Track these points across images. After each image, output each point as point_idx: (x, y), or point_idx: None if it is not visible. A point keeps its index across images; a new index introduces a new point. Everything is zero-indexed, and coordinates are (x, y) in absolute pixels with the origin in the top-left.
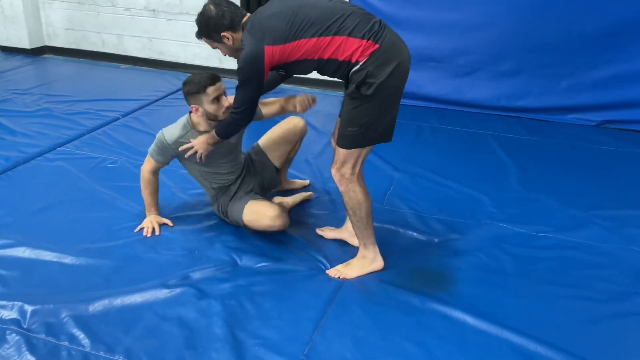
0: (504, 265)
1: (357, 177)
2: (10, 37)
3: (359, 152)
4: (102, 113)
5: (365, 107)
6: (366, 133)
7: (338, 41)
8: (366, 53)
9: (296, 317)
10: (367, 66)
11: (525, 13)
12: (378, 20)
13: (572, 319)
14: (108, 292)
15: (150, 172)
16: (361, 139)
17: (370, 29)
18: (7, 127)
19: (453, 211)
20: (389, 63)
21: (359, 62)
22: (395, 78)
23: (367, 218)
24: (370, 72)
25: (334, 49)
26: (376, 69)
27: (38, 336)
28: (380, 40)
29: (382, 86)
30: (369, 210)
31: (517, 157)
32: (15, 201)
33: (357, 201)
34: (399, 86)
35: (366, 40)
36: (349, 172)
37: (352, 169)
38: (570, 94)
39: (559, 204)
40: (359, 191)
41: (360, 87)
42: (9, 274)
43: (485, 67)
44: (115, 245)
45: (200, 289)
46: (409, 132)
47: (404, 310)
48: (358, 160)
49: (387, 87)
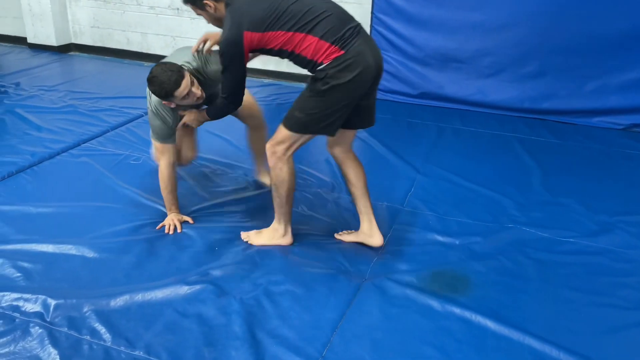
0: (526, 269)
1: (287, 158)
2: (38, 35)
3: (298, 137)
4: (126, 110)
5: (316, 100)
6: (309, 123)
7: (309, 40)
8: (330, 57)
9: (315, 317)
10: (327, 69)
11: (550, 14)
12: (353, 26)
13: (595, 326)
14: (129, 288)
15: (170, 166)
16: (303, 127)
17: (342, 36)
18: (33, 123)
19: (475, 214)
20: (350, 70)
21: (323, 64)
22: (354, 84)
23: (287, 197)
24: (329, 74)
25: (305, 46)
26: (336, 73)
27: (60, 329)
28: (346, 47)
29: (337, 88)
30: (291, 191)
31: (541, 160)
32: (40, 196)
33: (282, 179)
34: (355, 92)
35: (333, 45)
36: (281, 152)
37: (285, 150)
38: (596, 96)
39: (584, 208)
40: (286, 171)
41: (317, 81)
42: (33, 268)
43: (509, 69)
44: (136, 241)
45: (220, 286)
46: (431, 133)
47: (424, 313)
48: (294, 145)
49: (340, 91)
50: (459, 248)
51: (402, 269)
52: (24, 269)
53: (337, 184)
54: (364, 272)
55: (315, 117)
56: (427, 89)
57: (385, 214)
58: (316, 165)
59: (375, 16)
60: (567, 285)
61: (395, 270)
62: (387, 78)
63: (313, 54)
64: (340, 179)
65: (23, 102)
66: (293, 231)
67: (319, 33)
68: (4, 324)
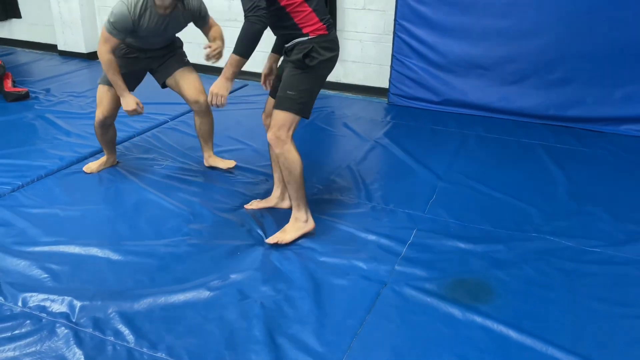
0: (550, 279)
1: (291, 140)
2: (68, 42)
3: (294, 118)
4: (152, 116)
5: (304, 76)
6: (301, 100)
7: (304, 7)
8: (316, 32)
9: (335, 323)
10: (313, 43)
11: (576, 20)
12: (330, 17)
13: (622, 338)
14: (153, 291)
15: (110, 53)
16: (297, 105)
17: (327, 19)
18: (62, 128)
19: (498, 222)
20: (329, 50)
21: (307, 35)
22: (331, 64)
23: (301, 177)
24: (315, 48)
25: (298, 9)
26: (320, 49)
27: (85, 330)
28: (329, 30)
29: (321, 65)
30: (302, 170)
31: (567, 168)
32: (68, 199)
33: (293, 161)
34: (329, 72)
35: (321, 23)
36: (284, 134)
37: (287, 132)
38: (624, 103)
39: (611, 217)
40: (294, 150)
41: (306, 57)
42: (60, 269)
43: (534, 75)
44: (160, 245)
45: (241, 290)
46: (454, 140)
47: (445, 322)
48: (292, 125)
49: (324, 67)
50: (481, 256)
51: (422, 275)
52: (52, 270)
53: (358, 190)
54: (384, 279)
55: (307, 93)
56: (451, 96)
57: (406, 221)
58: (338, 172)
59: (398, 23)
60: (593, 296)
61: (415, 277)
62: (410, 85)
63: (301, 21)
64: (362, 183)
65: (53, 107)
66: (316, 240)
67: (313, 5)
68: (31, 324)
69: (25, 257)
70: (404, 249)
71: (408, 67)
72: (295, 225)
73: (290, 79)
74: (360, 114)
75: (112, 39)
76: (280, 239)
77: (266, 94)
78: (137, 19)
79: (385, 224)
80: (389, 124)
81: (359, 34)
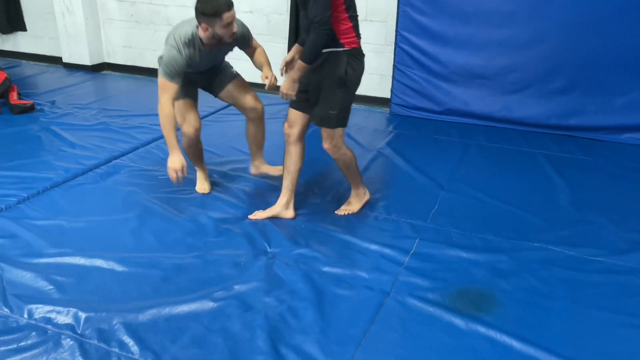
0: (552, 288)
1: (344, 144)
2: (73, 55)
3: (341, 130)
4: (156, 127)
5: (344, 93)
6: (343, 115)
7: (346, 22)
8: (351, 45)
9: (338, 333)
10: (348, 54)
11: (577, 29)
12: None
13: (624, 347)
14: (157, 302)
15: (171, 103)
16: (340, 121)
17: (360, 35)
18: (67, 140)
19: (500, 231)
20: (361, 63)
21: (343, 46)
22: (361, 76)
23: (357, 167)
24: (349, 62)
25: (342, 20)
26: (354, 61)
27: (90, 342)
28: (360, 46)
29: (356, 77)
30: (356, 161)
31: (569, 177)
32: (72, 210)
33: (349, 159)
34: (360, 83)
35: (357, 38)
36: (339, 142)
37: (340, 140)
38: (625, 112)
39: (613, 226)
40: (349, 152)
41: (337, 66)
42: (65, 281)
43: (535, 85)
44: (165, 256)
45: (244, 301)
46: (456, 149)
47: (447, 332)
48: (342, 134)
49: (357, 80)
50: (483, 265)
51: (425, 285)
52: (57, 281)
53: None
54: (387, 288)
55: (347, 106)
56: (452, 106)
57: (409, 230)
58: (343, 179)
59: (400, 34)
60: (596, 305)
61: (418, 287)
62: (412, 95)
63: (340, 33)
64: None
65: (58, 119)
66: (319, 250)
67: (353, 22)
68: (37, 336)
69: (31, 269)
70: (407, 258)
71: (410, 77)
72: (357, 197)
73: (330, 98)
74: (362, 124)
75: (170, 85)
76: (349, 210)
77: (268, 104)
78: (189, 58)
79: (388, 234)
80: (391, 133)
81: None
